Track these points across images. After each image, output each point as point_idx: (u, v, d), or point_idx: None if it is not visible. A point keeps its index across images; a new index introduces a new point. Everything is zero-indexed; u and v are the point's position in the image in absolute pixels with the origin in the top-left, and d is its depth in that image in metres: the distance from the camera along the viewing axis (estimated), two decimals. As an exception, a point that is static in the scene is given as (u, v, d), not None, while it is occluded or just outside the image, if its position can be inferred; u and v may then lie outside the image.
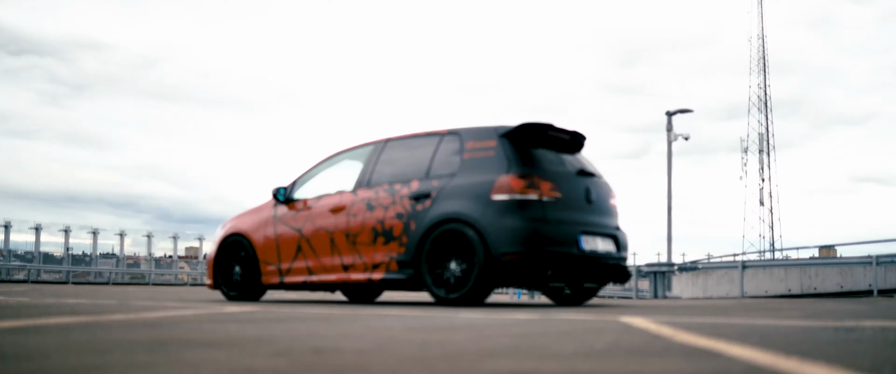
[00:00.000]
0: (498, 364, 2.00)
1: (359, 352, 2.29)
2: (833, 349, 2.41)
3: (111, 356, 2.12)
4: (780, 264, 20.79)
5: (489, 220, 6.15)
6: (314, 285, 7.31)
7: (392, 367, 1.95)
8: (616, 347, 2.48)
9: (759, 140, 63.83)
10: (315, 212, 7.40)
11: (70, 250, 31.00)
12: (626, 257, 7.16)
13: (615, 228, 7.03)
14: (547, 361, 2.08)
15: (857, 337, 2.87)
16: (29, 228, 29.31)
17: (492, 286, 6.28)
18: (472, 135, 6.71)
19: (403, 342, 2.61)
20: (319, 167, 7.88)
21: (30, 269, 28.32)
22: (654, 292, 17.56)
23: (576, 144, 7.13)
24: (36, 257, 29.36)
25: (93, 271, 31.71)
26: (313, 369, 1.89)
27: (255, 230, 7.86)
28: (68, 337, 2.71)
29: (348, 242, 7.01)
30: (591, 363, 2.03)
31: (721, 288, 20.27)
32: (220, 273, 8.10)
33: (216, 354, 2.20)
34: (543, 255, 6.13)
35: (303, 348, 2.40)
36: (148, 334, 2.89)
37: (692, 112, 19.11)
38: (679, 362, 2.08)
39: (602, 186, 7.00)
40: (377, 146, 7.37)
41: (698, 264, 19.59)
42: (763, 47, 63.83)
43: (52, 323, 3.42)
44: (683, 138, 19.45)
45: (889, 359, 2.12)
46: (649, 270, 18.12)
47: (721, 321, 4.12)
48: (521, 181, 6.22)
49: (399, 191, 6.79)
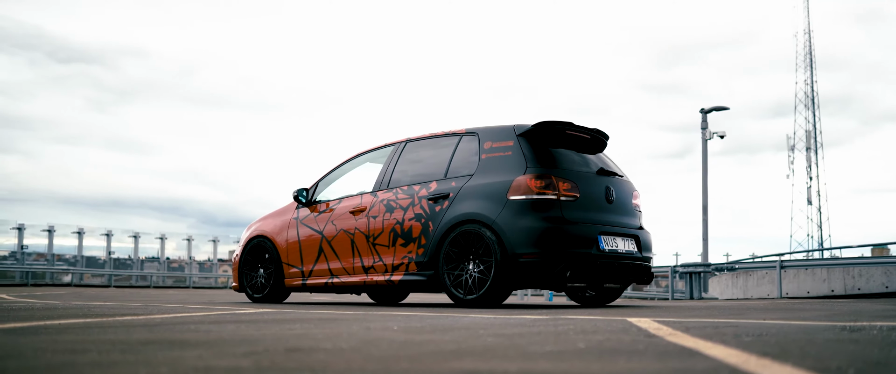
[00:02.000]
0: (459, 364, 1.99)
1: (332, 351, 2.29)
2: (816, 349, 2.34)
3: (83, 356, 2.15)
4: (822, 263, 20.31)
5: (506, 220, 6.11)
6: (336, 287, 7.34)
7: (353, 365, 1.94)
8: (598, 347, 2.45)
9: (807, 138, 62.63)
10: (336, 214, 7.44)
11: (112, 254, 31.58)
12: (649, 257, 7.05)
13: (637, 227, 6.94)
14: (513, 361, 2.06)
15: (855, 338, 2.79)
16: (72, 232, 29.93)
17: (510, 288, 6.23)
18: (490, 134, 6.67)
19: (385, 343, 2.60)
20: (340, 169, 7.92)
21: (73, 272, 28.94)
22: (689, 293, 17.31)
23: (597, 143, 7.05)
24: (79, 261, 29.99)
25: (134, 274, 32.27)
26: (271, 367, 1.90)
27: (278, 233, 7.92)
28: (58, 338, 2.75)
29: (368, 244, 7.02)
30: (552, 363, 2.00)
31: (761, 289, 19.89)
32: (244, 276, 8.19)
33: (188, 354, 2.22)
34: (561, 255, 6.07)
35: (279, 348, 2.41)
36: (140, 335, 2.93)
37: (728, 109, 18.79)
38: (648, 362, 2.04)
39: (624, 185, 6.91)
40: (397, 147, 7.38)
41: (735, 264, 19.24)
42: (809, 43, 62.69)
43: (54, 324, 3.49)
44: (719, 136, 19.13)
45: (867, 359, 2.06)
46: (685, 270, 17.85)
47: (729, 321, 4.05)
48: (538, 181, 6.17)
49: (418, 192, 6.79)
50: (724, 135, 19.07)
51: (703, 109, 19.24)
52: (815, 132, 62.41)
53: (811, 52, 62.59)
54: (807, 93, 62.92)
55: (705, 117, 19.29)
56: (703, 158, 19.38)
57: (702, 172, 19.19)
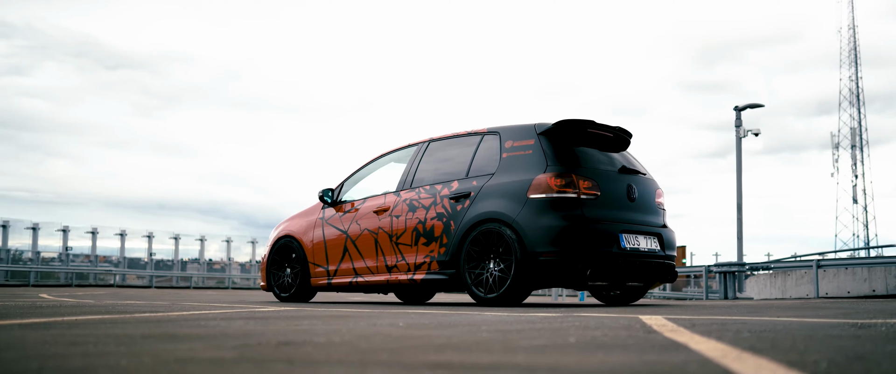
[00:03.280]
0: (437, 356, 2.01)
1: (322, 345, 2.34)
2: (807, 344, 2.32)
3: (78, 348, 2.21)
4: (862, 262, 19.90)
5: (526, 219, 6.11)
6: (360, 286, 7.41)
7: (332, 356, 1.98)
8: (587, 342, 2.45)
9: (852, 135, 61.39)
10: (360, 214, 7.50)
11: (154, 256, 32.19)
12: (672, 255, 6.99)
13: (660, 226, 6.89)
14: (493, 354, 2.08)
15: (859, 334, 2.76)
16: (115, 234, 30.56)
17: (530, 286, 6.23)
18: (512, 133, 6.68)
19: (379, 337, 2.64)
20: (365, 169, 7.99)
21: (115, 273, 29.58)
22: (723, 293, 17.08)
23: (620, 142, 7.02)
24: (121, 262, 30.62)
25: (174, 275, 32.84)
26: (253, 358, 1.94)
27: (304, 233, 8.02)
28: (66, 332, 2.83)
29: (391, 243, 7.07)
30: (529, 356, 2.02)
31: (800, 289, 19.56)
32: (272, 275, 8.30)
33: (180, 346, 2.27)
34: (581, 254, 6.05)
35: (272, 341, 2.46)
36: (145, 330, 3.00)
37: (762, 107, 18.51)
38: (627, 355, 2.05)
39: (647, 183, 6.87)
40: (420, 147, 7.42)
41: (771, 263, 18.94)
42: (854, 38, 61.45)
43: (69, 320, 3.59)
44: (753, 134, 18.84)
45: (850, 354, 2.04)
46: (719, 270, 17.62)
47: (740, 319, 4.01)
48: (558, 180, 6.16)
49: (440, 191, 6.82)
50: (759, 132, 18.79)
51: (737, 107, 18.98)
52: (860, 130, 61.16)
53: (856, 48, 61.35)
54: (851, 90, 61.70)
55: (739, 115, 19.03)
56: (737, 156, 19.12)
57: (736, 171, 18.94)
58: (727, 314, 4.63)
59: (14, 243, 28.56)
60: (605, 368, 1.76)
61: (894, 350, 2.11)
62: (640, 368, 1.76)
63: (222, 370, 1.74)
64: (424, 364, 1.84)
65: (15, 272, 27.37)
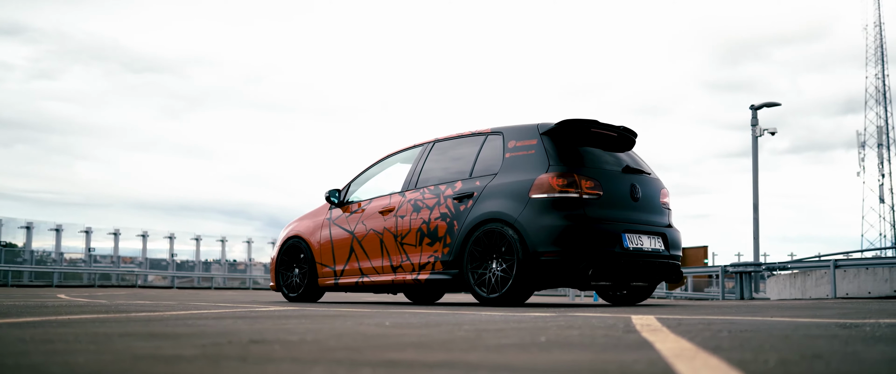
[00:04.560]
0: (394, 354, 2.03)
1: (292, 343, 2.36)
2: (775, 344, 2.32)
3: (50, 345, 2.26)
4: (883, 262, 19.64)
5: (528, 219, 6.11)
6: (366, 286, 7.44)
7: (293, 354, 2.01)
8: (557, 341, 2.46)
9: (878, 134, 60.66)
10: (366, 214, 7.54)
11: (175, 256, 32.54)
12: (677, 255, 6.96)
13: (665, 226, 6.86)
14: (450, 352, 2.10)
15: (838, 334, 2.74)
16: (137, 235, 30.92)
17: (532, 286, 6.23)
18: (515, 133, 6.68)
19: (352, 336, 2.66)
20: (371, 170, 8.03)
21: (137, 274, 29.95)
22: (739, 293, 16.94)
23: (625, 141, 7.00)
24: (143, 263, 30.97)
25: (196, 276, 33.16)
26: (213, 356, 1.97)
27: (312, 233, 8.07)
28: (51, 331, 2.89)
29: (396, 243, 7.10)
30: (482, 354, 2.03)
31: (820, 290, 19.34)
32: (281, 275, 8.36)
33: (149, 344, 2.31)
34: (583, 254, 6.04)
35: (244, 340, 2.49)
36: (129, 328, 3.05)
37: (779, 105, 18.34)
38: (587, 353, 2.05)
39: (651, 183, 6.84)
40: (425, 147, 7.45)
41: (787, 263, 18.76)
42: (881, 36, 60.70)
43: (62, 319, 3.65)
44: (770, 133, 18.67)
45: (807, 353, 2.03)
46: (735, 270, 17.48)
47: (729, 319, 3.99)
48: (560, 179, 6.15)
49: (444, 191, 6.84)
50: (775, 131, 18.63)
51: (753, 106, 18.82)
52: (887, 128, 60.42)
53: (882, 45, 60.63)
54: (878, 88, 60.97)
55: (755, 114, 18.86)
56: (754, 155, 18.96)
57: (752, 170, 18.78)
58: (724, 314, 4.61)
59: (38, 244, 29.00)
60: (551, 366, 1.77)
61: (857, 351, 2.10)
62: (588, 366, 1.77)
63: (173, 367, 1.77)
64: (372, 362, 1.86)
65: (39, 273, 27.78)
